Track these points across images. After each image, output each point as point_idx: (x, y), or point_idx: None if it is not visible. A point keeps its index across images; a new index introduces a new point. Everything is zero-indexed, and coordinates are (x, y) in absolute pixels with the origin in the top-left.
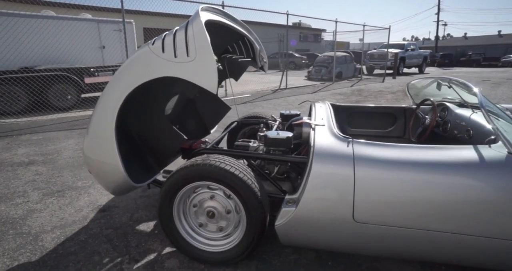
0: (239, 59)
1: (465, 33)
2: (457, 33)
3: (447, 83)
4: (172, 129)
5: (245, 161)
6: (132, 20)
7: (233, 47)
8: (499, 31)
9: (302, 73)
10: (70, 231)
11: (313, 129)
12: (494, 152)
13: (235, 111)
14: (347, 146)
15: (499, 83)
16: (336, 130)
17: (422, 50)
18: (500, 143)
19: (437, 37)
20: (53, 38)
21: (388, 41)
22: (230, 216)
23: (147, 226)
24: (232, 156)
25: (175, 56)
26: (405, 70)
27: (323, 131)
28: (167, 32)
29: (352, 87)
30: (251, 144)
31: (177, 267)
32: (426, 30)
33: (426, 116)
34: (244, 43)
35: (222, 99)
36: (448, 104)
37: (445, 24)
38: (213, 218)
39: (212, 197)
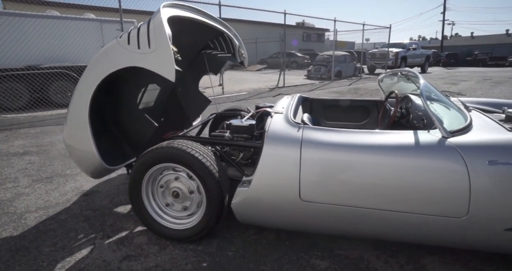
0: (218, 55)
1: (472, 33)
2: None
3: (404, 77)
4: (143, 117)
5: (210, 147)
6: (135, 20)
7: (214, 43)
8: (507, 30)
9: (303, 72)
10: (53, 211)
11: (271, 116)
12: (431, 136)
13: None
14: (298, 131)
15: (499, 82)
16: (290, 117)
17: (424, 50)
18: (437, 128)
19: (442, 36)
20: (57, 37)
21: (389, 40)
22: (193, 196)
23: (124, 209)
24: (198, 142)
25: (139, 48)
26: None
27: (279, 118)
28: (132, 26)
29: (349, 86)
30: (226, 134)
31: (144, 243)
32: (433, 30)
33: (392, 108)
34: (224, 39)
35: (219, 97)
36: (411, 96)
37: (452, 24)
38: (178, 198)
39: (176, 178)
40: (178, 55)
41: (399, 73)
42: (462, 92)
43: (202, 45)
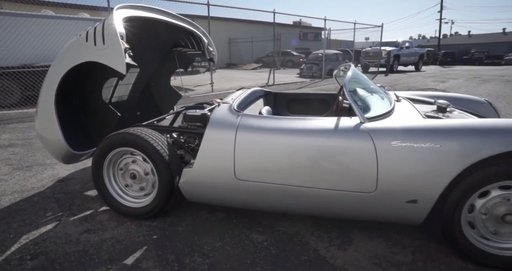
0: (188, 52)
1: (469, 31)
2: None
3: (347, 70)
4: (107, 108)
5: (168, 134)
6: None
7: (185, 41)
8: (504, 29)
9: (297, 71)
10: (27, 194)
11: (218, 105)
12: (350, 122)
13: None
14: (236, 118)
15: (487, 80)
16: (233, 106)
17: (418, 48)
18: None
19: (440, 35)
20: (53, 36)
21: (381, 39)
22: (148, 177)
23: (93, 192)
24: (156, 130)
25: (95, 44)
26: (401, 68)
27: (223, 107)
28: (90, 26)
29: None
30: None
31: (105, 219)
32: (433, 28)
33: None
34: (194, 38)
35: (208, 94)
36: (357, 88)
37: (452, 22)
38: (135, 179)
39: (134, 161)
40: (130, 51)
41: (344, 68)
42: (447, 90)
43: (172, 43)
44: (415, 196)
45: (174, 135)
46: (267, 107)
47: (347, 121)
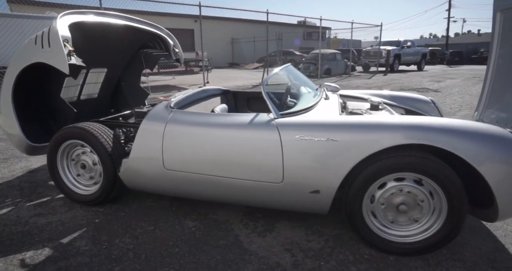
0: (153, 53)
1: (479, 30)
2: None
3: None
4: (65, 104)
5: (118, 129)
6: None
7: (153, 43)
8: None
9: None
10: None
11: (159, 103)
12: (266, 117)
13: None
14: (169, 113)
15: None
16: (171, 104)
17: (420, 48)
18: None
19: (447, 33)
20: None
21: (380, 38)
22: (96, 167)
23: None
24: (105, 125)
25: (42, 47)
26: (403, 67)
27: (162, 104)
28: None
29: (335, 83)
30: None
31: (58, 205)
32: (444, 27)
33: None
34: (161, 39)
35: None
36: (292, 87)
37: (463, 21)
38: (85, 169)
39: (84, 153)
40: (74, 54)
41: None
42: (439, 90)
43: (138, 45)
44: (317, 187)
45: (124, 129)
46: (222, 105)
47: (263, 117)
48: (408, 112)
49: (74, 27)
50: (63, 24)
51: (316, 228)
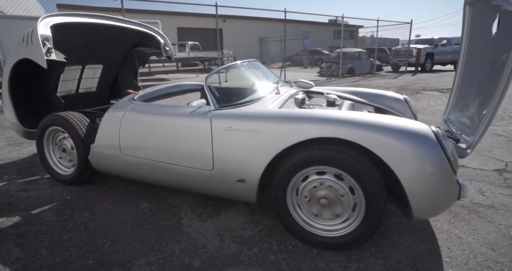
0: (145, 51)
1: None
2: None
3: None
4: (55, 96)
5: (98, 118)
6: (158, 21)
7: (147, 42)
8: None
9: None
10: (2, 162)
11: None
12: (206, 109)
13: None
14: (129, 104)
15: None
16: (135, 97)
17: (457, 46)
18: None
19: None
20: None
21: (410, 37)
22: (73, 151)
23: None
24: (84, 114)
25: (27, 45)
26: (438, 67)
27: (128, 97)
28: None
29: (352, 83)
30: None
31: (44, 183)
32: None
33: None
34: (153, 38)
35: None
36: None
37: None
38: (65, 152)
39: (64, 138)
40: (52, 50)
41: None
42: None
43: (131, 44)
44: (242, 176)
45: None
46: (201, 100)
47: (202, 109)
48: (378, 110)
49: (62, 28)
50: (43, 25)
51: (257, 218)
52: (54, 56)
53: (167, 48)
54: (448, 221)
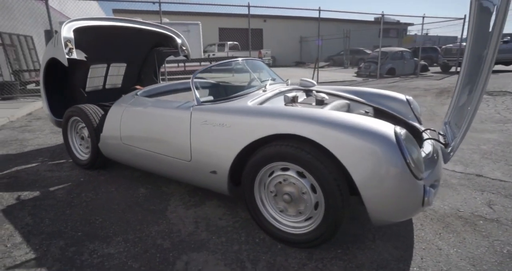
0: (164, 50)
1: None
2: None
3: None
4: (79, 90)
5: None
6: (199, 22)
7: (166, 42)
8: None
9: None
10: (42, 146)
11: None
12: (190, 104)
13: None
14: (131, 99)
15: None
16: (138, 92)
17: None
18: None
19: None
20: None
21: (462, 34)
22: (89, 139)
23: None
24: (100, 106)
25: (54, 46)
26: (500, 67)
27: (132, 92)
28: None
29: (388, 84)
30: None
31: (66, 167)
32: None
33: None
34: (171, 39)
35: None
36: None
37: None
38: (84, 140)
39: (83, 127)
40: (73, 50)
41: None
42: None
43: (152, 44)
44: (214, 168)
45: None
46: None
47: (187, 104)
48: (377, 110)
49: (87, 31)
50: (67, 28)
51: (237, 210)
52: (75, 55)
53: (184, 48)
54: (435, 231)
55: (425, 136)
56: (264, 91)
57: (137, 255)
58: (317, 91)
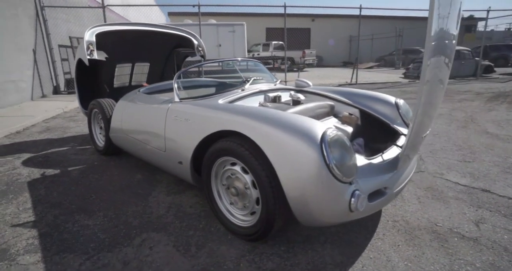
0: (182, 51)
1: None
2: None
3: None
4: (103, 86)
5: None
6: (244, 22)
7: (185, 43)
8: None
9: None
10: (78, 134)
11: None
12: (171, 100)
13: None
14: (134, 94)
15: None
16: (141, 89)
17: None
18: None
19: None
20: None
21: None
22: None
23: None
24: (114, 100)
25: (81, 48)
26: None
27: (138, 89)
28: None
29: None
30: None
31: (88, 152)
32: None
33: None
34: (188, 40)
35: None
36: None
37: None
38: (102, 129)
39: (101, 118)
40: (94, 52)
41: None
42: None
43: (172, 46)
44: (180, 159)
45: None
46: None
47: (168, 100)
48: (362, 113)
49: (110, 35)
50: (90, 33)
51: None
52: (95, 56)
53: (200, 49)
54: (395, 242)
55: (402, 142)
56: (243, 90)
57: (108, 228)
58: (296, 92)
